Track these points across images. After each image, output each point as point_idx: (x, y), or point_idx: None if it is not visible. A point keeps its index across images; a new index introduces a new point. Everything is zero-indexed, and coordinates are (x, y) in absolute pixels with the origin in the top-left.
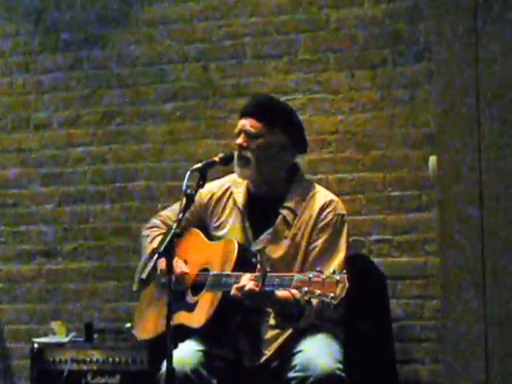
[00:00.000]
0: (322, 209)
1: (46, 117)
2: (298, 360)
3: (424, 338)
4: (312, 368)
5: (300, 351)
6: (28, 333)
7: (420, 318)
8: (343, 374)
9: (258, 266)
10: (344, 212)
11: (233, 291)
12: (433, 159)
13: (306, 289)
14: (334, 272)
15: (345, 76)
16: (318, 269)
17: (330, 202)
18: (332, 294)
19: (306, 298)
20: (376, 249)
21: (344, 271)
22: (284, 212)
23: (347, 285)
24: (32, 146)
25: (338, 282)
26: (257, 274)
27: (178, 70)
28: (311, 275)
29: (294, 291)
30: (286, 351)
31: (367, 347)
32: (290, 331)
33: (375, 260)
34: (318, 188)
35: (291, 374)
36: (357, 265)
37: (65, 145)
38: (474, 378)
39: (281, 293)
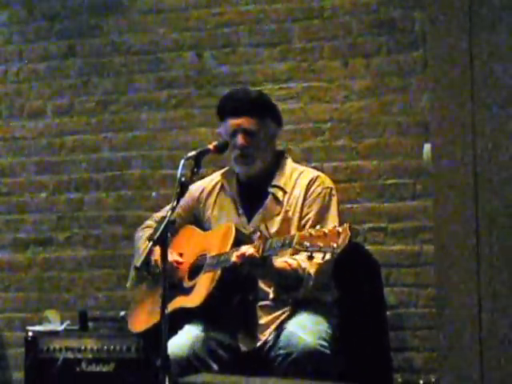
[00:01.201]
0: (310, 183)
1: (40, 105)
2: (281, 337)
3: (418, 325)
4: (294, 344)
5: (284, 329)
6: (22, 321)
7: (414, 306)
8: (327, 351)
9: (257, 234)
10: (332, 186)
11: (233, 258)
12: (427, 147)
13: (308, 243)
14: (334, 226)
15: (339, 64)
16: (319, 226)
17: (317, 177)
18: (335, 244)
19: (309, 252)
20: (370, 237)
21: (345, 223)
22: (273, 190)
23: (349, 233)
24: (26, 135)
25: (339, 232)
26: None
27: (172, 59)
28: (312, 231)
29: (291, 261)
30: (278, 333)
31: (361, 335)
32: (284, 316)
33: (370, 248)
34: (304, 168)
35: (276, 352)
36: (351, 253)
37: (59, 133)
38: (469, 365)
39: (279, 263)
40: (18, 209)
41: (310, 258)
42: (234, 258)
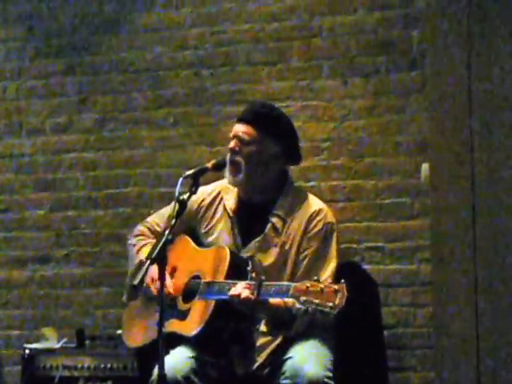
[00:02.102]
0: (312, 217)
1: (39, 122)
2: (286, 367)
3: (416, 345)
4: (300, 375)
5: (289, 358)
6: (19, 339)
7: (412, 325)
8: (332, 382)
9: (252, 274)
10: (333, 220)
11: (228, 298)
12: (425, 167)
13: (304, 298)
14: (331, 282)
15: (338, 83)
16: (315, 278)
17: (320, 210)
18: (331, 304)
19: (304, 307)
20: (368, 256)
21: (342, 280)
22: (273, 219)
23: (346, 294)
24: (25, 152)
25: (336, 291)
26: (251, 281)
27: (171, 77)
28: (308, 284)
29: (286, 299)
30: (277, 358)
31: (359, 355)
32: (281, 338)
33: (367, 267)
34: (308, 196)
35: (280, 381)
36: (348, 272)
37: (57, 151)
38: None
39: (273, 300)
40: (16, 226)
41: (306, 312)
42: (229, 297)
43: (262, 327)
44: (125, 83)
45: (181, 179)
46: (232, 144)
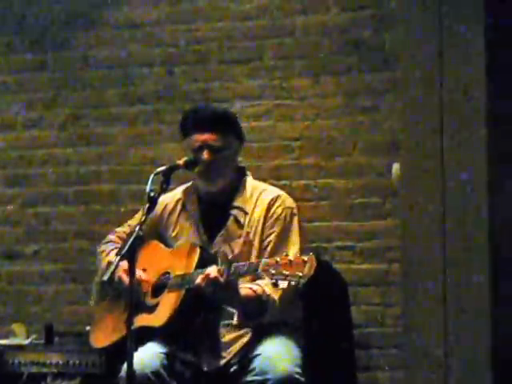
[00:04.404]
0: (271, 204)
1: (11, 118)
2: (256, 363)
3: (384, 344)
4: (270, 371)
5: (258, 354)
6: None
7: (381, 325)
8: (302, 378)
9: (220, 259)
10: (293, 205)
11: (198, 280)
12: (396, 166)
13: (273, 271)
14: (300, 254)
15: (310, 82)
16: (285, 253)
17: (278, 196)
18: (300, 274)
19: (273, 281)
20: (338, 255)
21: (311, 253)
22: (234, 212)
23: (315, 264)
24: None
25: (305, 261)
26: (221, 266)
27: (143, 74)
28: (278, 258)
29: (256, 287)
30: (245, 354)
31: (327, 353)
32: (249, 335)
33: (337, 267)
34: (265, 186)
35: (250, 378)
36: (318, 271)
37: (29, 146)
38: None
39: (243, 290)
40: None
41: (275, 285)
42: (198, 280)
43: (235, 320)
44: (97, 79)
45: (152, 176)
46: (206, 155)
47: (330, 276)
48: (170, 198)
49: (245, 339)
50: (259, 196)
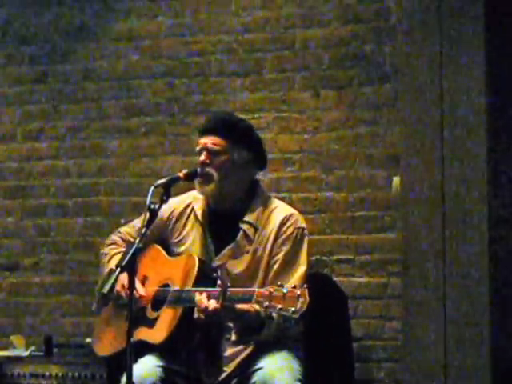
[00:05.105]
0: (283, 223)
1: (11, 130)
2: (257, 377)
3: (384, 358)
4: None
5: (259, 368)
6: None
7: (380, 338)
8: None
9: (219, 281)
10: (304, 226)
11: (196, 315)
12: (396, 180)
13: (266, 303)
14: (294, 286)
15: (310, 95)
16: (279, 283)
17: (291, 215)
18: (293, 309)
19: (267, 312)
20: (338, 268)
21: (305, 285)
22: (245, 227)
23: (308, 299)
24: None
25: (298, 296)
26: (217, 288)
27: (143, 86)
28: (272, 290)
29: (255, 305)
30: (246, 368)
31: (327, 367)
32: (250, 349)
33: (337, 280)
34: (278, 203)
35: None
36: (318, 284)
37: (29, 158)
38: None
39: (241, 306)
40: None
41: (270, 317)
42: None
43: (233, 336)
44: (97, 91)
45: (152, 188)
46: (203, 157)
47: (330, 289)
48: (179, 203)
49: (246, 353)
50: (271, 213)
